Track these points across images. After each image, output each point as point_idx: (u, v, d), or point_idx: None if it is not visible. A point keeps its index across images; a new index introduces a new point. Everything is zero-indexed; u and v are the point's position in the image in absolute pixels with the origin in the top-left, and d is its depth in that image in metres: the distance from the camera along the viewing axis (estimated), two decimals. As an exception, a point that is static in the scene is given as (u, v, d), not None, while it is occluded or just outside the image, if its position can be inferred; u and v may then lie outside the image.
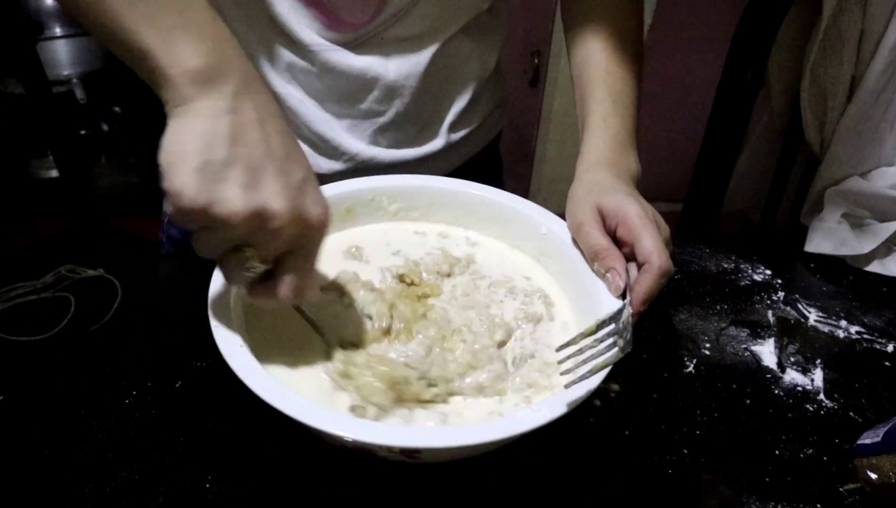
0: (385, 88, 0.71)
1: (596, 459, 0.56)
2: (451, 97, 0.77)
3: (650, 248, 0.53)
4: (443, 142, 0.78)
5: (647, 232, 0.53)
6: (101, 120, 2.08)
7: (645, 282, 0.53)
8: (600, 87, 0.66)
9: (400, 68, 0.70)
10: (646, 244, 0.53)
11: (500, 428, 0.44)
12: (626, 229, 0.55)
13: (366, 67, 0.69)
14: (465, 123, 0.80)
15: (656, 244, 0.53)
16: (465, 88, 0.78)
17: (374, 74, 0.70)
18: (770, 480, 0.55)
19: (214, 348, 0.47)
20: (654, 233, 0.54)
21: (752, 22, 1.00)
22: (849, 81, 0.88)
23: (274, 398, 0.44)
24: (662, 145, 2.23)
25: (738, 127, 1.09)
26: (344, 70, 0.69)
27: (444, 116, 0.78)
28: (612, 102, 0.65)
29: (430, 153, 0.77)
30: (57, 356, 0.62)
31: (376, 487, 0.52)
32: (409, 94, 0.72)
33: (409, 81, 0.71)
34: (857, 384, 0.65)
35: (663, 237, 0.55)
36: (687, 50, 2.06)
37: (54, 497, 0.50)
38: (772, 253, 0.83)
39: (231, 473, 0.53)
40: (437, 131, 0.78)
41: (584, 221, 0.57)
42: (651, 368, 0.65)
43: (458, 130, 0.79)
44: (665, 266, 0.53)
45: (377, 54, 0.69)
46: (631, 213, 0.55)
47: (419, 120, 0.76)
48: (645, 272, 0.53)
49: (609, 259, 0.55)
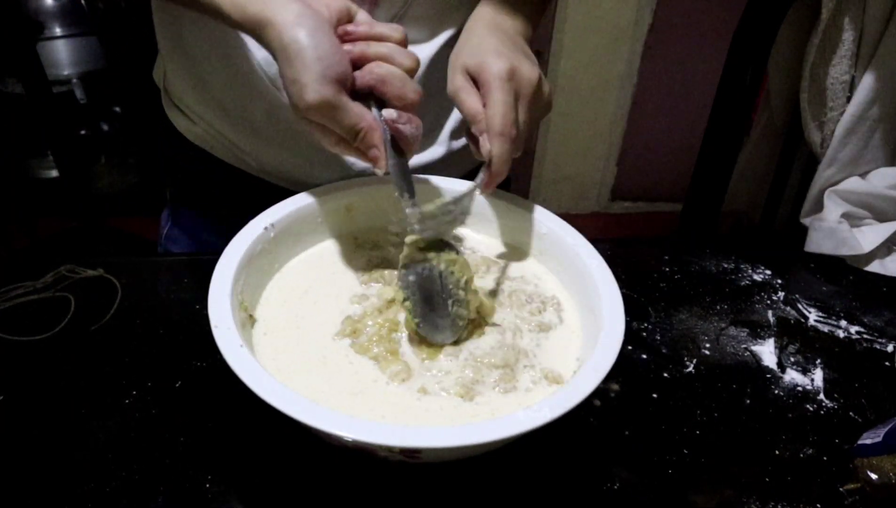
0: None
1: (596, 459, 0.56)
2: (449, 103, 0.77)
3: (491, 111, 0.54)
4: (444, 150, 0.77)
5: (495, 95, 0.54)
6: (101, 120, 2.08)
7: (492, 149, 0.55)
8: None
9: None
10: (489, 109, 0.54)
11: (501, 428, 0.44)
12: (484, 91, 0.56)
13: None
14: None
15: (497, 107, 0.54)
16: None
17: None
18: (770, 480, 0.55)
19: (214, 348, 0.47)
20: (501, 96, 0.54)
21: (752, 22, 1.00)
22: (849, 81, 0.88)
23: (274, 398, 0.44)
24: (662, 145, 2.23)
25: (738, 127, 1.09)
26: None
27: (444, 122, 0.77)
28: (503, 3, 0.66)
29: (430, 162, 0.76)
30: (57, 356, 0.62)
31: (376, 487, 0.52)
32: None
33: None
34: (857, 384, 0.65)
35: (524, 95, 0.56)
36: (687, 50, 2.06)
37: (54, 497, 0.51)
38: (772, 253, 0.83)
39: (231, 473, 0.53)
40: (437, 139, 0.77)
41: (459, 87, 0.58)
42: (651, 368, 0.65)
43: (459, 137, 0.79)
44: (501, 130, 0.54)
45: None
46: (485, 73, 0.55)
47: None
48: (489, 139, 0.55)
49: (481, 124, 0.56)
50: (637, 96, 2.13)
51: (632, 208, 2.40)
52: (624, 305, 0.54)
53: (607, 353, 0.50)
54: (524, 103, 0.57)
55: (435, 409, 0.51)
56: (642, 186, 2.34)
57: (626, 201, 2.39)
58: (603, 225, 2.34)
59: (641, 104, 2.15)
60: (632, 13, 2.01)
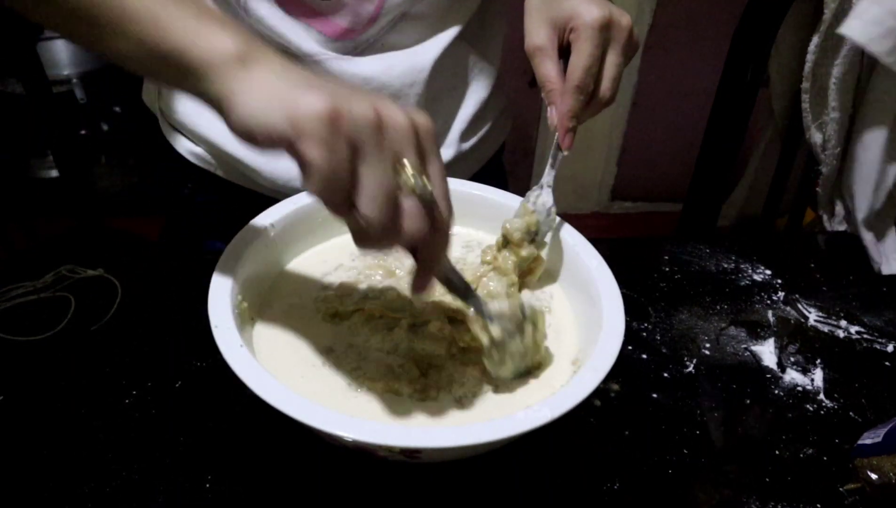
0: (389, 97, 0.70)
1: (596, 459, 0.56)
2: (459, 104, 0.77)
3: (576, 62, 0.53)
4: (453, 151, 0.77)
5: (584, 46, 0.53)
6: (101, 120, 2.08)
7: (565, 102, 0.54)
8: None
9: (404, 76, 0.70)
10: (574, 59, 0.53)
11: (500, 428, 0.44)
12: (574, 38, 0.54)
13: (370, 76, 0.69)
14: (475, 130, 0.80)
15: (583, 60, 0.53)
16: (472, 95, 0.77)
17: (378, 83, 0.69)
18: (770, 480, 0.55)
19: (214, 348, 0.47)
20: (589, 49, 0.53)
21: (752, 22, 1.00)
22: (849, 81, 0.88)
23: (274, 398, 0.44)
24: (662, 145, 2.23)
25: (738, 127, 1.09)
26: (348, 79, 0.69)
27: (453, 123, 0.77)
28: None
29: None
30: (57, 356, 0.62)
31: (376, 487, 0.52)
32: (415, 102, 0.72)
33: (413, 90, 0.71)
34: (857, 384, 0.65)
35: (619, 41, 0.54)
36: (687, 50, 2.06)
37: (54, 497, 0.51)
38: (772, 253, 0.83)
39: (231, 473, 0.53)
40: (447, 141, 0.78)
41: (540, 46, 0.56)
42: (651, 368, 0.65)
43: (468, 138, 0.79)
44: (579, 83, 0.53)
45: (380, 62, 0.69)
46: (578, 21, 0.53)
47: None
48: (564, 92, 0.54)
49: (553, 94, 0.55)
50: (637, 96, 2.13)
51: (632, 208, 2.40)
52: (624, 305, 0.54)
53: (607, 353, 0.49)
54: (618, 49, 0.55)
55: (435, 409, 0.51)
56: (642, 187, 2.34)
57: (626, 201, 2.39)
58: (603, 225, 2.34)
59: (641, 104, 2.15)
60: (632, 13, 2.01)
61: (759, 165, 1.15)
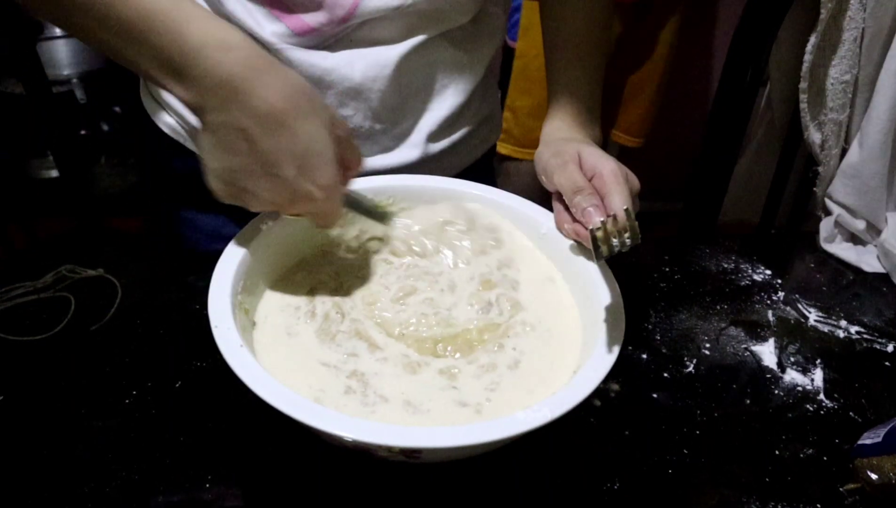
0: (347, 90, 0.68)
1: (596, 459, 0.56)
2: (427, 105, 0.74)
3: (619, 204, 0.57)
4: (419, 153, 0.74)
5: (618, 189, 0.58)
6: (101, 120, 2.08)
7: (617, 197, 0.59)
8: (571, 49, 0.73)
9: (367, 70, 0.67)
10: (615, 199, 0.58)
11: (500, 428, 0.44)
12: (600, 182, 0.59)
13: (330, 68, 0.66)
14: (446, 134, 0.76)
15: (625, 200, 0.58)
16: (445, 98, 0.74)
17: (339, 76, 0.67)
18: (770, 480, 0.55)
19: (214, 348, 0.47)
20: (625, 191, 0.58)
21: (752, 22, 1.00)
22: (849, 81, 0.88)
23: (274, 398, 0.44)
24: (662, 145, 2.23)
25: (737, 127, 1.09)
26: (306, 70, 0.66)
27: (418, 124, 0.74)
28: (581, 67, 0.72)
29: (404, 164, 0.74)
30: (57, 356, 0.62)
31: (376, 487, 0.52)
32: (376, 97, 0.69)
33: (376, 84, 0.68)
34: (857, 384, 0.65)
35: (633, 194, 0.60)
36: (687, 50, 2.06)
37: (54, 497, 0.51)
38: (772, 253, 0.83)
39: (231, 473, 0.53)
40: (412, 141, 0.74)
41: (569, 160, 0.62)
42: (651, 368, 0.65)
43: (438, 140, 0.76)
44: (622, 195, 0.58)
45: (343, 57, 0.67)
46: (607, 169, 0.60)
47: (391, 127, 0.72)
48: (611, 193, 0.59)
49: (593, 197, 0.59)
50: (637, 96, 2.13)
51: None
52: (624, 305, 0.54)
53: (607, 353, 0.50)
54: (636, 201, 0.61)
55: (435, 409, 0.51)
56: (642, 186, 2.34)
57: (626, 201, 2.39)
58: (603, 225, 2.34)
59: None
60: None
61: (752, 161, 1.14)
